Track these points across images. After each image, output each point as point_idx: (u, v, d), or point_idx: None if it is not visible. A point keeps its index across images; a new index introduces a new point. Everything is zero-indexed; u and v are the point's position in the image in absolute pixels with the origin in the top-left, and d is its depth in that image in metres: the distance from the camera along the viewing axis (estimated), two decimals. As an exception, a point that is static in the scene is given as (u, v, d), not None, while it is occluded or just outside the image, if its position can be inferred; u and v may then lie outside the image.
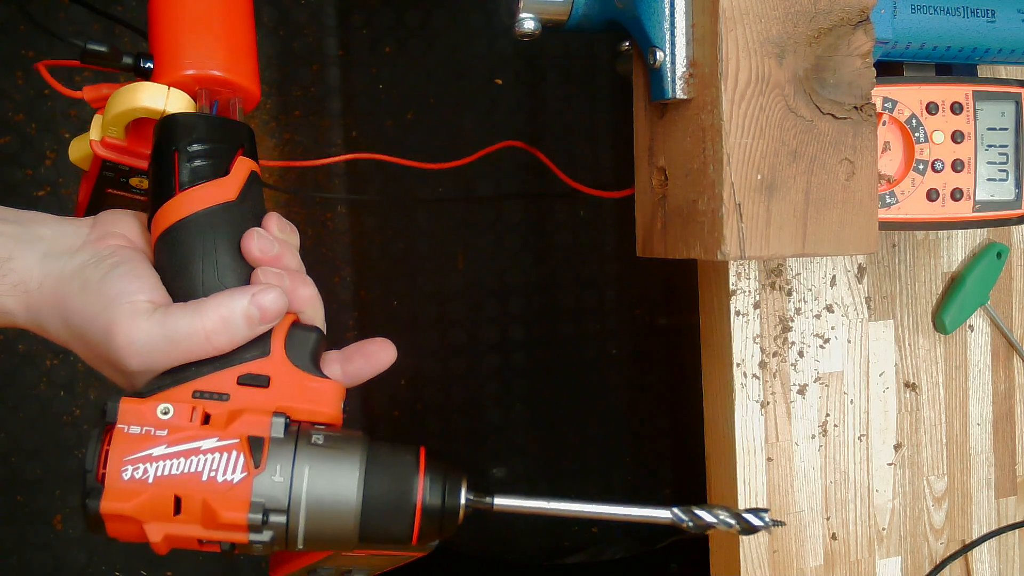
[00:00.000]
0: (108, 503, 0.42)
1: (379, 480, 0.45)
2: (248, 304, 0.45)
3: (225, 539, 0.44)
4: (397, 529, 0.45)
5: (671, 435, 1.62)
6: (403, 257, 1.50)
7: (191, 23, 0.55)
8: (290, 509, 0.43)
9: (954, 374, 0.77)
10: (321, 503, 0.44)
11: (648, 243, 0.62)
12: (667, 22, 0.56)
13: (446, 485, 0.46)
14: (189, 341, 0.44)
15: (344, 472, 0.44)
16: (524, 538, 1.54)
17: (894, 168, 0.64)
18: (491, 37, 1.51)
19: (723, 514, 0.48)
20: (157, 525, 0.43)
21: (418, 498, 0.45)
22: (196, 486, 0.43)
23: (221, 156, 0.50)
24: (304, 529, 0.44)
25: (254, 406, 0.45)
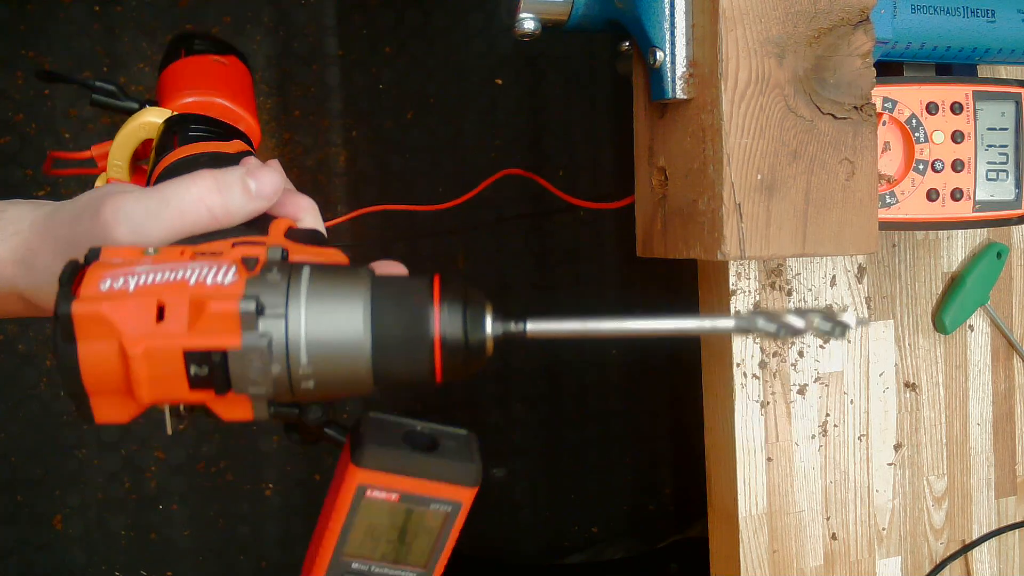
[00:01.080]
0: (82, 304, 0.36)
1: (388, 308, 0.39)
2: (244, 172, 0.43)
3: (214, 343, 0.37)
4: (416, 366, 0.39)
5: (671, 435, 1.62)
6: (403, 257, 1.50)
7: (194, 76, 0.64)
8: (288, 310, 0.37)
9: (954, 374, 0.77)
10: (323, 314, 0.38)
11: (648, 243, 0.62)
12: (667, 22, 0.56)
13: (467, 313, 0.40)
14: (180, 202, 0.41)
15: (347, 287, 0.39)
16: (524, 538, 1.54)
17: (894, 168, 0.64)
18: (491, 37, 1.51)
19: (809, 315, 0.40)
20: (137, 335, 0.36)
21: (435, 329, 0.39)
22: (182, 290, 0.37)
23: (220, 135, 0.50)
24: (306, 341, 0.37)
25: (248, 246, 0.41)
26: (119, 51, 1.37)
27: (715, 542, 0.72)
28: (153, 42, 1.39)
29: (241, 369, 0.37)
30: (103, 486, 1.39)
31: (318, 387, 0.38)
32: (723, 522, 0.71)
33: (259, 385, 0.37)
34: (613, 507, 1.60)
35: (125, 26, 1.38)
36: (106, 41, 1.37)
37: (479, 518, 1.57)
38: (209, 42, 0.68)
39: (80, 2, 1.36)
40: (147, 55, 1.39)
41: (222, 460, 1.44)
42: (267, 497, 1.45)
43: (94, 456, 1.38)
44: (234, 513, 1.44)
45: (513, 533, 1.53)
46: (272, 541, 1.46)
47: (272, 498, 1.45)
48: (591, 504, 1.59)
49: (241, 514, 1.45)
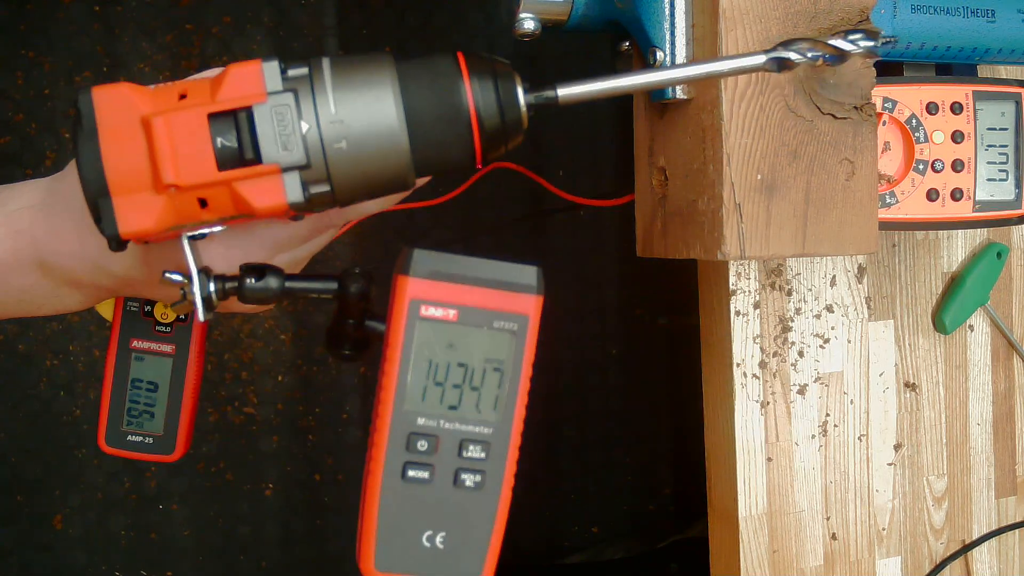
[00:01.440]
0: (103, 88, 0.35)
1: (417, 86, 0.37)
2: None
3: (238, 100, 0.35)
4: (455, 144, 0.37)
5: (671, 435, 1.62)
6: (403, 257, 1.50)
7: None
8: (312, 69, 0.36)
9: (954, 374, 0.77)
10: (349, 77, 0.36)
11: (648, 243, 0.62)
12: (667, 22, 0.56)
13: (498, 85, 0.38)
14: None
15: (373, 72, 0.36)
16: (524, 538, 1.54)
17: (894, 168, 0.64)
18: (491, 37, 1.51)
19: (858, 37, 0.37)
20: (160, 108, 0.35)
21: (469, 103, 0.37)
22: (202, 81, 0.36)
23: None
24: (334, 93, 0.35)
25: None
26: (119, 51, 1.37)
27: (715, 542, 0.72)
28: (153, 42, 1.39)
29: (269, 127, 0.35)
30: (103, 486, 1.39)
31: (351, 151, 0.36)
32: (723, 522, 0.71)
33: (290, 148, 0.35)
34: (613, 507, 1.60)
35: (125, 26, 1.38)
36: (106, 41, 1.37)
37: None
38: None
39: (80, 2, 1.36)
40: (147, 55, 1.39)
41: (222, 460, 1.44)
42: (267, 497, 1.45)
43: (94, 456, 1.38)
44: (234, 513, 1.44)
45: (513, 533, 1.53)
46: (272, 541, 1.46)
47: (272, 498, 1.45)
48: (591, 504, 1.59)
49: (241, 514, 1.44)
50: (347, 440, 1.46)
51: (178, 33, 1.40)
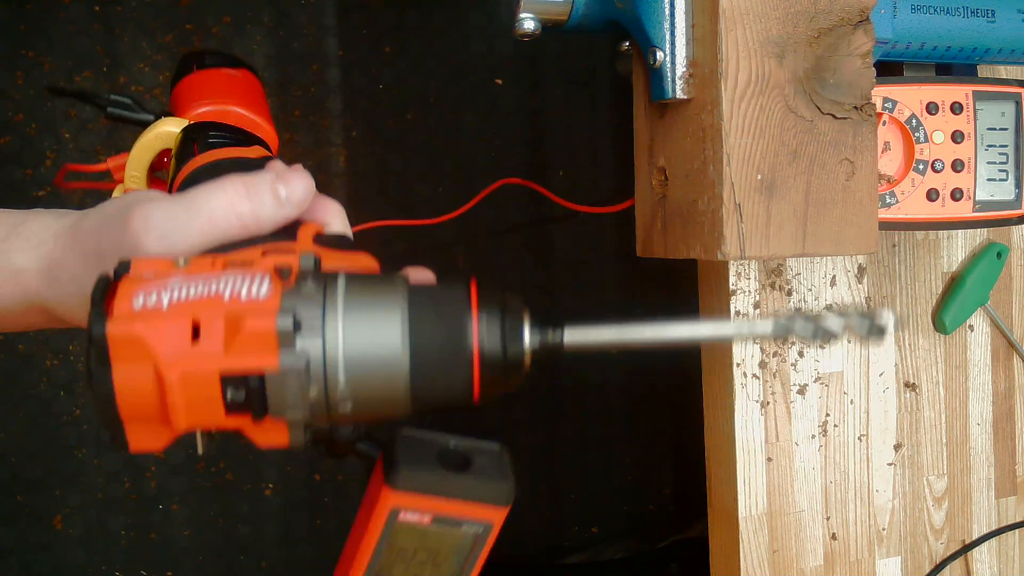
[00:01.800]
0: (116, 325, 0.35)
1: (425, 321, 0.37)
2: (273, 179, 0.42)
3: (251, 365, 0.36)
4: (454, 383, 0.38)
5: (671, 435, 1.62)
6: (403, 257, 1.50)
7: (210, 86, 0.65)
8: (325, 326, 0.36)
9: (954, 374, 0.77)
10: (360, 324, 0.37)
11: (648, 243, 0.62)
12: (667, 22, 0.56)
13: (505, 322, 0.38)
14: (210, 211, 0.40)
15: (384, 297, 0.37)
16: (524, 538, 1.54)
17: (894, 168, 0.64)
18: (491, 37, 1.51)
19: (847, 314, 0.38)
20: (173, 358, 0.35)
21: (474, 342, 0.37)
22: (217, 306, 0.36)
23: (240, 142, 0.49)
24: (344, 360, 0.36)
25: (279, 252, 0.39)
26: (119, 51, 1.37)
27: (715, 542, 0.72)
28: (153, 42, 1.39)
29: (279, 392, 0.36)
30: (103, 486, 1.39)
31: (355, 409, 0.37)
32: (723, 522, 0.71)
33: (296, 409, 0.36)
34: (613, 507, 1.60)
35: (125, 26, 1.38)
36: (106, 41, 1.37)
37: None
38: (220, 56, 0.69)
39: (80, 2, 1.36)
40: (147, 55, 1.39)
41: (222, 460, 1.44)
42: (267, 497, 1.45)
43: (94, 456, 1.38)
44: (234, 513, 1.44)
45: (513, 533, 1.53)
46: (272, 541, 1.46)
47: (272, 498, 1.45)
48: (591, 504, 1.59)
49: (241, 514, 1.44)
50: (347, 440, 1.46)
51: (178, 33, 1.40)
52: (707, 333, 0.40)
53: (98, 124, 1.36)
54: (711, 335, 0.40)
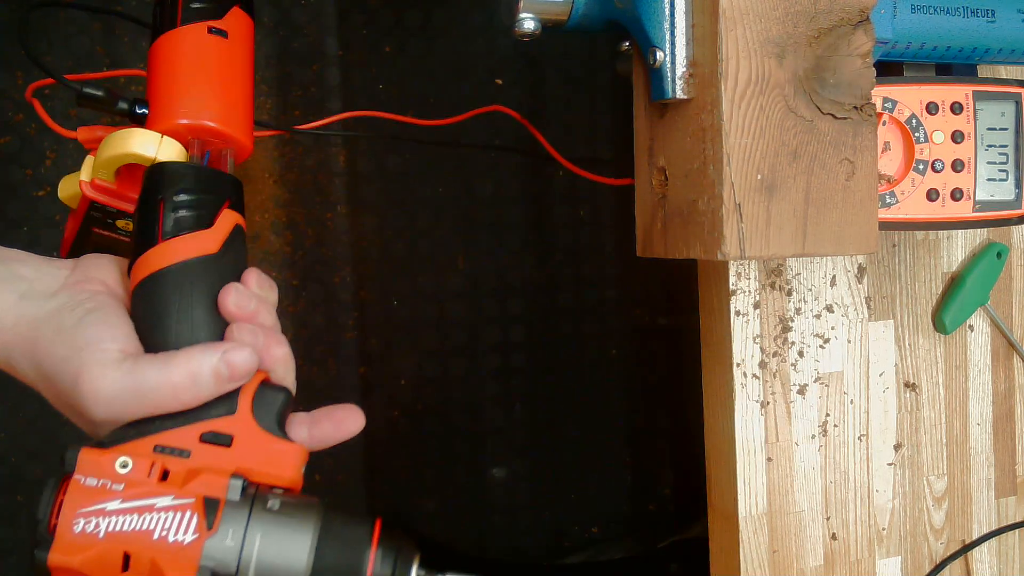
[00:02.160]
0: (56, 555, 0.42)
1: (331, 551, 0.45)
2: (218, 361, 0.45)
3: None
4: None
5: (671, 435, 1.62)
6: (403, 257, 1.50)
7: (188, 74, 0.55)
8: (239, 570, 0.43)
9: (954, 374, 0.77)
10: (271, 571, 0.44)
11: (648, 243, 0.62)
12: (667, 22, 0.56)
13: (397, 561, 0.45)
14: (156, 394, 0.44)
15: (296, 541, 0.44)
16: (524, 538, 1.54)
17: (894, 168, 0.64)
18: (491, 37, 1.51)
19: None
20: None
21: (368, 572, 0.45)
22: (147, 544, 0.42)
23: (206, 207, 0.50)
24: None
25: (214, 465, 0.45)
26: (119, 51, 1.37)
27: (715, 542, 0.72)
28: (153, 42, 1.39)
29: None
30: (103, 486, 1.39)
31: None
32: (723, 522, 0.71)
33: None
34: (613, 507, 1.60)
35: (125, 26, 1.38)
36: (106, 41, 1.37)
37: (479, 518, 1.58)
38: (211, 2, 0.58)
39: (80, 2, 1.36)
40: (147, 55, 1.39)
41: (222, 460, 1.43)
42: (267, 497, 1.45)
43: (94, 456, 1.38)
44: (234, 513, 1.44)
45: (513, 533, 1.53)
46: (272, 541, 1.46)
47: (272, 498, 1.45)
48: (591, 504, 1.59)
49: (241, 514, 1.44)
50: (347, 440, 1.46)
51: (178, 33, 1.39)
52: None
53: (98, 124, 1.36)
54: None
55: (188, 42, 0.56)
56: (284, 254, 1.47)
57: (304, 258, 1.47)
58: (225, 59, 0.57)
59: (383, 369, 1.49)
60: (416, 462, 1.51)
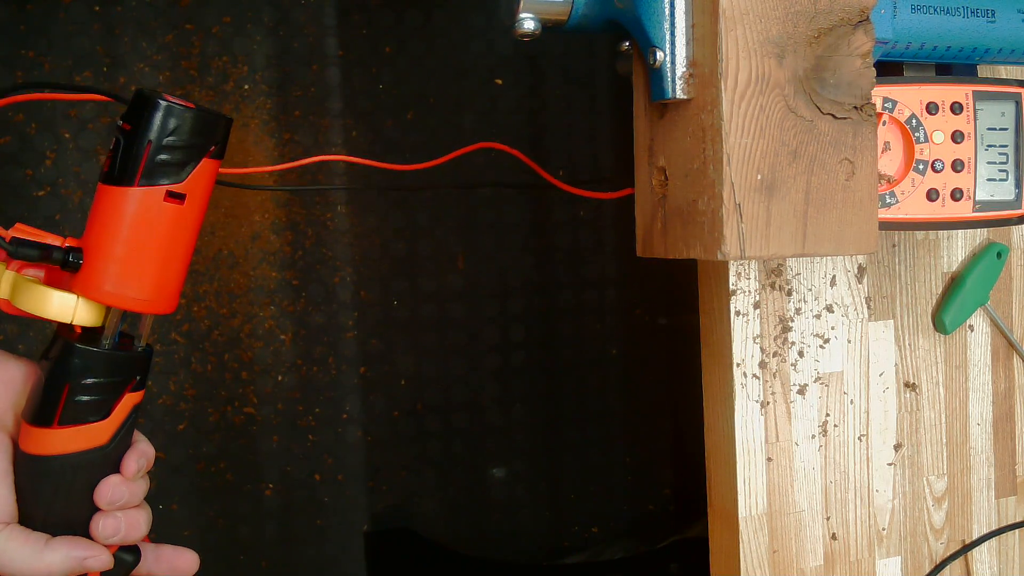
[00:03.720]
0: None
1: None
2: (78, 564, 0.52)
3: None
4: None
5: (671, 435, 1.62)
6: (403, 257, 1.50)
7: (130, 246, 0.52)
8: None
9: (954, 374, 0.77)
10: None
11: (648, 243, 0.62)
12: (667, 22, 0.56)
13: None
14: (20, 571, 0.50)
15: None
16: (524, 538, 1.54)
17: (894, 168, 0.64)
18: (491, 37, 1.51)
19: None
20: None
21: None
22: None
23: (109, 394, 0.53)
24: None
25: None
26: (119, 51, 1.37)
27: (715, 542, 0.72)
28: (153, 42, 1.39)
29: None
30: (103, 486, 1.39)
31: None
32: (723, 522, 0.71)
33: None
34: (613, 507, 1.60)
35: (125, 26, 1.38)
36: (106, 41, 1.37)
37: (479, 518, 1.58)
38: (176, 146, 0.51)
39: (80, 2, 1.36)
40: (147, 55, 1.39)
41: (222, 460, 1.44)
42: (267, 497, 1.45)
43: (94, 456, 1.38)
44: (234, 513, 1.44)
45: (513, 533, 1.53)
46: (272, 541, 1.46)
47: (272, 498, 1.45)
48: (591, 504, 1.59)
49: (241, 514, 1.45)
50: (347, 440, 1.46)
51: (178, 33, 1.40)
52: None
53: (98, 123, 1.36)
54: None
55: (140, 208, 0.52)
56: (284, 254, 1.47)
57: (304, 258, 1.47)
58: (174, 229, 0.53)
59: (383, 369, 1.49)
60: (416, 462, 1.51)
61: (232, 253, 1.44)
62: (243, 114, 1.42)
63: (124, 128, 0.51)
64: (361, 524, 1.48)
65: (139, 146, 0.51)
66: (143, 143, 0.51)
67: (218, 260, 1.44)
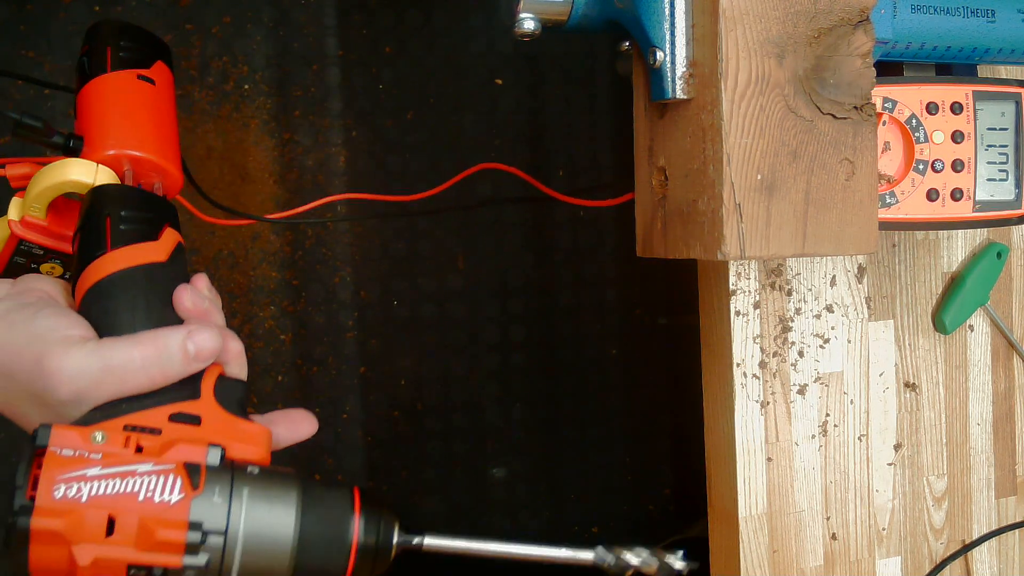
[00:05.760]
0: (40, 520, 0.40)
1: (315, 516, 0.45)
2: (184, 338, 0.46)
3: (158, 562, 0.42)
4: (332, 566, 0.45)
5: (671, 435, 1.62)
6: (403, 257, 1.50)
7: (121, 111, 0.58)
8: (228, 532, 0.43)
9: (954, 374, 0.77)
10: (259, 531, 0.43)
11: (648, 243, 0.62)
12: (667, 22, 0.56)
13: (381, 525, 0.46)
14: (123, 370, 0.44)
15: (281, 505, 0.44)
16: (524, 538, 1.54)
17: (894, 168, 0.64)
18: (491, 37, 1.51)
19: (644, 553, 0.50)
20: (87, 547, 0.41)
21: (354, 536, 0.45)
22: (132, 506, 0.42)
23: (151, 224, 0.52)
24: (240, 556, 0.43)
25: (187, 439, 0.45)
26: (119, 51, 1.37)
27: (715, 542, 0.72)
28: (153, 42, 1.39)
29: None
30: (103, 486, 1.39)
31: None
32: (723, 522, 0.71)
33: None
34: (613, 507, 1.60)
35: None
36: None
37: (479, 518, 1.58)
38: (132, 47, 0.61)
39: (80, 2, 1.36)
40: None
41: (222, 460, 1.44)
42: (267, 497, 1.45)
43: (94, 456, 1.38)
44: (234, 513, 1.44)
45: (513, 533, 1.53)
46: (272, 541, 1.46)
47: (272, 498, 1.45)
48: (591, 504, 1.59)
49: (241, 514, 1.44)
50: (347, 440, 1.46)
51: (178, 33, 1.40)
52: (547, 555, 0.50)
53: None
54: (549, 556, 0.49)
55: (119, 85, 0.59)
56: (284, 254, 1.47)
57: (304, 258, 1.47)
58: (153, 102, 0.59)
59: (383, 369, 1.49)
60: (416, 462, 1.51)
61: (232, 253, 1.44)
62: (243, 114, 1.42)
63: (83, 51, 0.61)
64: (361, 524, 1.47)
65: (101, 52, 0.60)
66: (104, 48, 0.60)
67: (218, 260, 1.44)
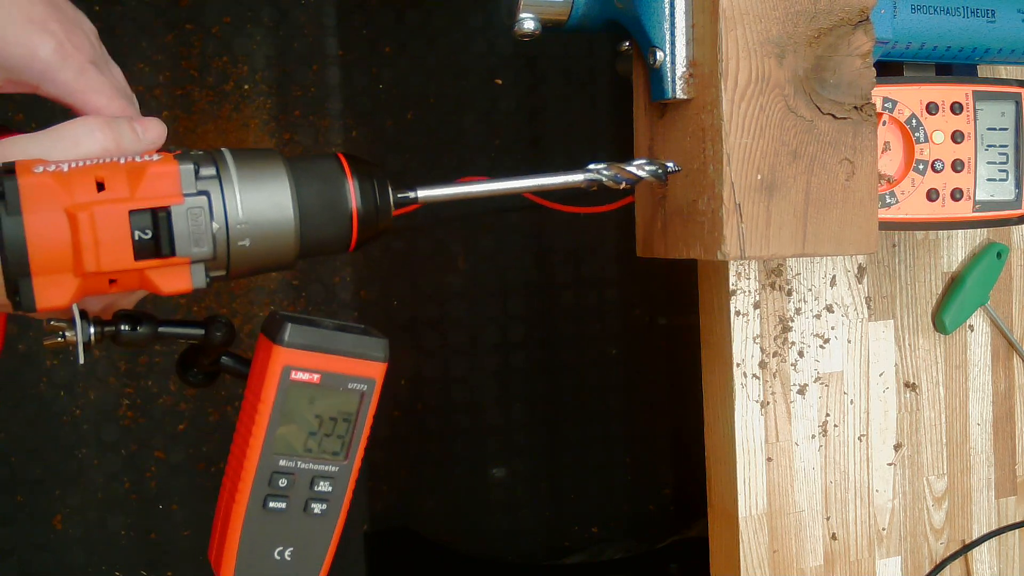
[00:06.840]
0: (26, 178, 0.38)
1: (309, 187, 0.43)
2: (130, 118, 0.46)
3: (158, 202, 0.39)
4: (337, 235, 0.44)
5: (671, 435, 1.62)
6: (403, 257, 1.50)
7: None
8: (220, 173, 0.41)
9: (954, 374, 0.77)
10: (251, 179, 0.42)
11: (648, 243, 0.62)
12: (667, 22, 0.56)
13: (375, 185, 0.45)
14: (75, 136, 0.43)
15: (271, 174, 0.42)
16: (524, 538, 1.54)
17: (894, 168, 0.64)
18: (491, 37, 1.51)
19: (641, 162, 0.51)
20: (83, 201, 0.38)
21: (352, 201, 0.44)
22: (116, 167, 0.40)
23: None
24: (240, 197, 0.41)
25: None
26: (119, 51, 1.37)
27: (715, 542, 0.72)
28: (153, 42, 1.39)
29: (184, 226, 0.40)
30: (103, 486, 1.39)
31: (252, 247, 0.41)
32: (723, 522, 0.71)
33: (201, 244, 0.40)
34: (613, 507, 1.60)
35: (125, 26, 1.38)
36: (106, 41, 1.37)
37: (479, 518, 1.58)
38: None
39: (80, 2, 1.36)
40: (147, 55, 1.39)
41: (222, 460, 1.44)
42: (267, 497, 1.45)
43: (94, 456, 1.38)
44: (234, 513, 1.44)
45: (513, 533, 1.53)
46: (272, 541, 1.46)
47: (272, 498, 1.45)
48: (591, 504, 1.59)
49: (241, 514, 1.44)
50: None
51: (178, 33, 1.40)
52: (540, 184, 0.51)
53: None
54: (535, 185, 0.51)
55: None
56: (284, 254, 1.46)
57: (304, 258, 1.47)
58: None
59: (383, 369, 1.49)
60: (416, 462, 1.51)
61: (232, 253, 1.44)
62: (243, 114, 1.42)
63: None
64: (361, 524, 1.48)
65: None
66: None
67: (218, 260, 1.44)
